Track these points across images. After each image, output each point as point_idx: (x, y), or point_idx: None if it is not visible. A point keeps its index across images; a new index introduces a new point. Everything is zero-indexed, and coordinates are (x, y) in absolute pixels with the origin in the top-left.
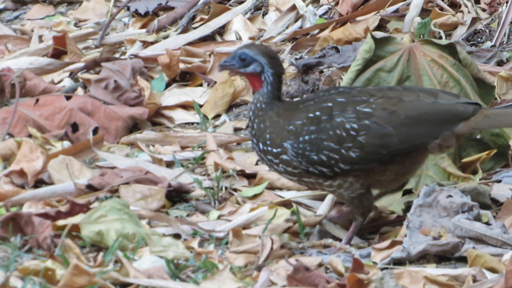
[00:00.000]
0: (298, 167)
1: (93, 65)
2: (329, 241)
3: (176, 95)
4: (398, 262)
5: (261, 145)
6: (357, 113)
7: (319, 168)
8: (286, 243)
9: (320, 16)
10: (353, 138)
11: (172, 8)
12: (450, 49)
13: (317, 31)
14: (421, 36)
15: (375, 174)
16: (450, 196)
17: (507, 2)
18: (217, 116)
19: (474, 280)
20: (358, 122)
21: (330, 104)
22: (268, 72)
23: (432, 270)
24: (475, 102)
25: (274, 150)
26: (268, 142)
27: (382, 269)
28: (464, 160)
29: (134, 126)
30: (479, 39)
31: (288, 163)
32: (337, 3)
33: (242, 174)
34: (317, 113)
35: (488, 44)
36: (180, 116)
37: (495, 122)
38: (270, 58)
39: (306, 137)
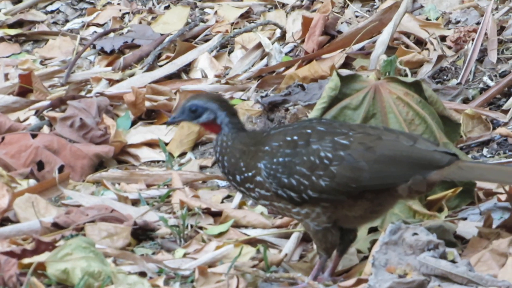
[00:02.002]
0: (269, 189)
1: (59, 103)
2: (298, 274)
3: (141, 133)
4: None
5: (238, 177)
6: (334, 143)
7: (288, 192)
8: (254, 270)
9: (286, 54)
10: (325, 167)
11: (138, 46)
12: (416, 87)
13: (283, 68)
14: (387, 73)
15: (343, 208)
16: (416, 234)
17: (472, 40)
18: (183, 154)
19: None
20: (333, 152)
21: (309, 131)
22: (222, 115)
23: None
24: (453, 152)
25: (250, 174)
26: (243, 169)
27: None
28: (430, 197)
29: (100, 164)
30: (445, 77)
31: (261, 185)
32: (303, 41)
33: (207, 212)
34: (295, 137)
35: (454, 81)
36: (146, 154)
37: (467, 174)
38: (219, 102)
39: (280, 159)
